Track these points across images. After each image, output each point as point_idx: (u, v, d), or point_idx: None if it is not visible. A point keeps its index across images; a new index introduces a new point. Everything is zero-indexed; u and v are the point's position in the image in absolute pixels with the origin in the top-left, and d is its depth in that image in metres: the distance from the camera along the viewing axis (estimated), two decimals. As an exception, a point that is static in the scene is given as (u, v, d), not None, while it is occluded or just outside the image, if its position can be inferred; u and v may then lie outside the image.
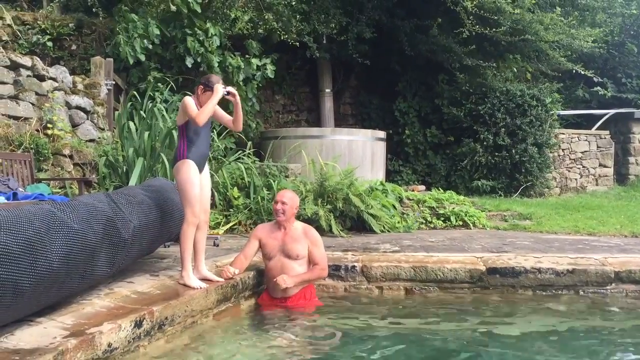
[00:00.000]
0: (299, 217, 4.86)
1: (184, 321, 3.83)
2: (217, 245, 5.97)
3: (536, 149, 11.34)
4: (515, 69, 12.61)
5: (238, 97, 4.35)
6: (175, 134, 7.23)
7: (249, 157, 8.32)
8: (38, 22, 9.17)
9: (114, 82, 8.35)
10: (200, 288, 4.05)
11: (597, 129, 13.80)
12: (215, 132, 8.25)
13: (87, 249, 3.33)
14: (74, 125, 7.25)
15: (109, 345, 3.07)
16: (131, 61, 8.38)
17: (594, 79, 13.05)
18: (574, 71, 12.63)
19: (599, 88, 14.28)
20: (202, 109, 4.10)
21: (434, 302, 4.88)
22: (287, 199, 4.63)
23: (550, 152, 12.13)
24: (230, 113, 4.57)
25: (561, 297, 5.00)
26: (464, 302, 4.88)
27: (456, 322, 4.29)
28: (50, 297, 3.18)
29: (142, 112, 7.72)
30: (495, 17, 10.39)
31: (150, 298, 3.81)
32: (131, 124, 7.43)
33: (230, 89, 4.30)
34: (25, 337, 2.88)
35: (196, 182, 4.15)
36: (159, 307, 3.59)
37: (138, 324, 3.34)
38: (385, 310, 4.64)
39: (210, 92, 4.17)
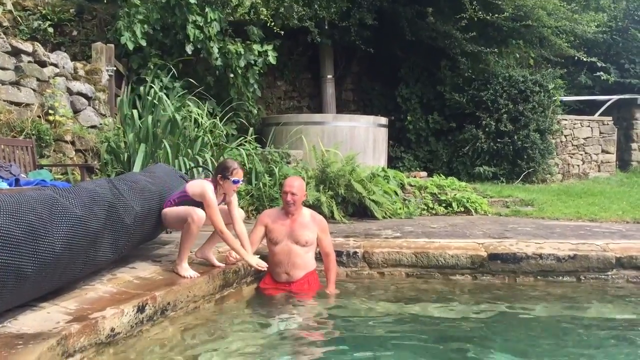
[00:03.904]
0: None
1: (186, 306, 3.85)
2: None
3: (538, 135, 11.31)
4: (517, 55, 12.54)
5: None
6: (178, 118, 7.23)
7: (250, 143, 8.31)
8: (39, 7, 9.13)
9: (115, 68, 8.31)
10: (190, 277, 4.03)
11: (599, 115, 13.76)
12: (217, 119, 8.23)
13: (89, 234, 3.34)
14: (76, 111, 7.23)
15: (112, 330, 3.09)
16: (132, 46, 8.35)
17: (598, 63, 12.97)
18: (576, 58, 12.58)
19: (602, 73, 14.21)
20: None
21: (435, 287, 4.90)
22: (297, 189, 4.62)
23: (553, 139, 12.11)
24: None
25: (562, 282, 5.01)
26: (465, 287, 4.89)
27: (458, 307, 4.30)
28: (53, 282, 3.20)
29: (148, 98, 7.69)
30: (499, 2, 10.33)
31: (153, 283, 3.83)
32: (135, 112, 7.41)
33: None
34: (29, 321, 2.90)
35: (183, 209, 4.17)
36: (162, 292, 3.61)
37: (141, 309, 3.36)
38: (387, 295, 4.66)
39: (228, 180, 4.24)
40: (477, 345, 3.51)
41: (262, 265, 4.39)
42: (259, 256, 4.58)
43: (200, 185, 4.22)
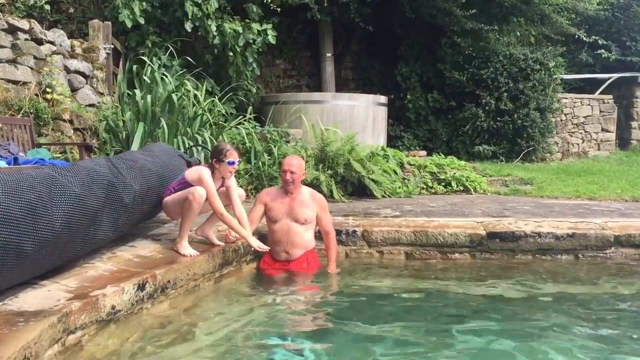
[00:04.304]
0: (299, 182, 4.85)
1: (186, 284, 3.87)
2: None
3: (538, 113, 11.28)
4: (518, 33, 12.45)
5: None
6: (175, 98, 7.18)
7: (249, 122, 8.28)
8: (35, -16, 9.01)
9: (112, 46, 8.24)
10: (190, 256, 4.05)
11: (600, 94, 13.71)
12: (216, 98, 8.19)
13: (88, 213, 3.34)
14: (73, 89, 7.19)
15: (113, 307, 3.11)
16: (130, 24, 8.27)
17: (599, 41, 12.88)
18: (577, 36, 12.49)
19: (602, 51, 14.12)
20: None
21: (434, 265, 4.92)
22: (295, 168, 4.61)
23: (553, 117, 12.08)
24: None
25: (560, 261, 5.03)
26: (464, 265, 4.92)
27: (457, 285, 4.33)
28: (54, 261, 3.21)
29: (144, 77, 7.64)
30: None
31: (153, 262, 3.85)
32: (137, 91, 7.36)
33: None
34: (30, 299, 2.91)
35: (183, 191, 4.19)
36: (162, 270, 3.63)
37: (141, 287, 3.38)
38: (386, 273, 4.68)
39: (224, 162, 4.25)
40: (477, 323, 3.54)
41: (264, 247, 4.41)
42: (257, 236, 4.59)
43: (197, 171, 4.24)
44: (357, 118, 10.03)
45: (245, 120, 8.26)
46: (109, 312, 3.09)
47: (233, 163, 4.28)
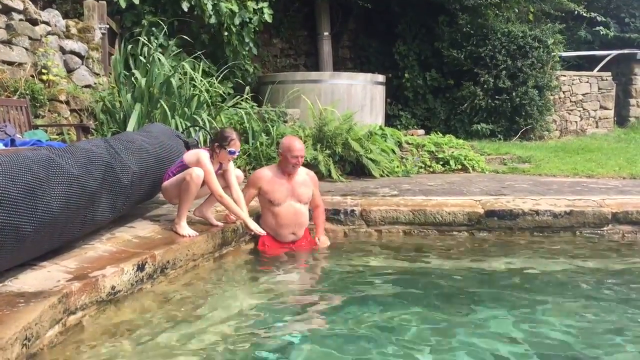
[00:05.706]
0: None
1: (185, 265, 3.89)
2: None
3: (537, 91, 11.24)
4: (517, 10, 12.35)
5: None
6: (173, 82, 7.13)
7: (247, 102, 8.24)
8: (27, -36, 8.88)
9: (107, 26, 8.16)
10: (189, 236, 4.06)
11: (598, 71, 13.63)
12: (213, 78, 8.15)
13: (86, 194, 3.34)
14: (69, 70, 7.13)
15: (113, 288, 3.13)
16: (124, 4, 8.18)
17: (597, 18, 12.79)
18: (576, 12, 12.39)
19: (601, 28, 14.03)
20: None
21: (432, 244, 4.93)
22: (304, 151, 4.66)
23: (551, 95, 12.03)
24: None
25: (558, 238, 5.05)
26: (462, 244, 4.94)
27: (455, 264, 4.35)
28: (53, 242, 3.21)
29: (141, 58, 7.57)
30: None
31: (152, 242, 3.85)
32: (136, 72, 7.30)
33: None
34: (30, 280, 2.92)
35: (181, 174, 4.20)
36: (161, 251, 3.64)
37: (140, 268, 3.39)
38: (384, 252, 4.70)
39: (225, 150, 4.26)
40: (474, 300, 3.56)
41: (261, 232, 4.44)
42: (253, 217, 4.60)
43: (196, 154, 4.26)
44: (355, 97, 9.99)
45: (242, 101, 8.22)
46: (109, 293, 3.10)
47: (234, 153, 4.31)
